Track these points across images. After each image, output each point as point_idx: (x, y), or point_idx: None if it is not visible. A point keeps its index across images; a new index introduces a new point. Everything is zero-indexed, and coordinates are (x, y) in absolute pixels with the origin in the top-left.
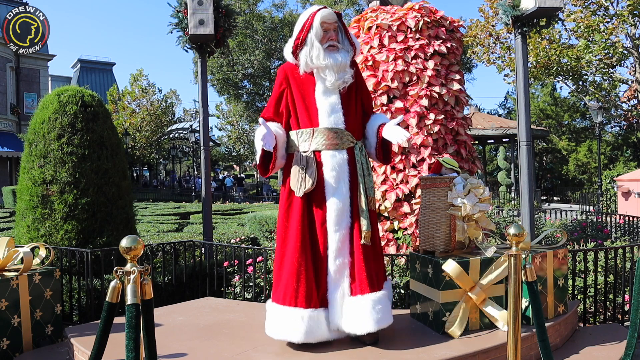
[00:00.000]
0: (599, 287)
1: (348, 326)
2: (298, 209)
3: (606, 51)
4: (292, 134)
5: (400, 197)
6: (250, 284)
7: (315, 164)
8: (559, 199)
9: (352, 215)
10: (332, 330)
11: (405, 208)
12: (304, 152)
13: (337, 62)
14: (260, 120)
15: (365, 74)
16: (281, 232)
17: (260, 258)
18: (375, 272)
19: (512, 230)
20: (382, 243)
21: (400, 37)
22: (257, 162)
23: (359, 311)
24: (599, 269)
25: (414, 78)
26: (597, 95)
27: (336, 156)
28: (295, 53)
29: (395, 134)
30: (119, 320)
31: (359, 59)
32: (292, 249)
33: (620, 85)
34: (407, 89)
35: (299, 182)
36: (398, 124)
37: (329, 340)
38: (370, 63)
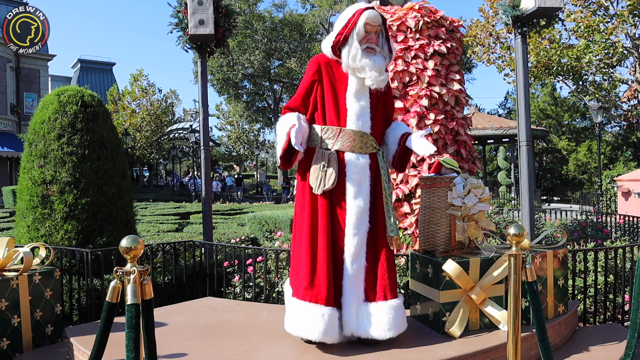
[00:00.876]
0: (599, 287)
1: (369, 330)
2: (322, 208)
3: (606, 51)
4: (316, 128)
5: (400, 197)
6: (250, 284)
7: (337, 164)
8: (559, 199)
9: (371, 220)
10: (345, 334)
11: (405, 208)
12: (327, 150)
13: (374, 64)
14: (299, 115)
15: None
16: (305, 228)
17: (260, 258)
18: (392, 278)
19: (512, 230)
20: None
21: (400, 37)
22: (280, 154)
23: (382, 317)
24: (599, 269)
25: (414, 78)
26: (597, 95)
27: (360, 160)
28: (335, 49)
29: (422, 146)
30: (119, 320)
31: None
32: (321, 246)
33: (620, 85)
34: (407, 89)
35: (319, 180)
36: (424, 136)
37: (339, 342)
38: None
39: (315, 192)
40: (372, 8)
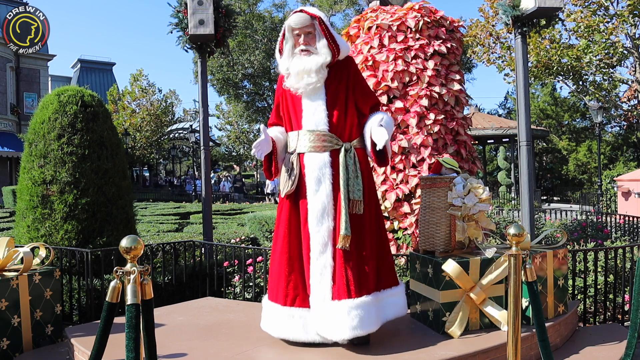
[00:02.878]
0: (599, 287)
1: (324, 330)
2: (287, 210)
3: (606, 51)
4: (287, 136)
5: (400, 197)
6: (250, 284)
7: (298, 166)
8: (559, 199)
9: (335, 218)
10: (313, 332)
11: (405, 208)
12: (291, 154)
13: (299, 68)
14: (262, 127)
15: (365, 74)
16: (275, 232)
17: (260, 258)
18: (357, 277)
19: (512, 230)
20: None
21: (400, 37)
22: (264, 167)
23: (333, 317)
24: (599, 269)
25: (414, 78)
26: (597, 95)
27: (317, 158)
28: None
29: (378, 136)
30: (119, 320)
31: (358, 59)
32: (280, 248)
33: (620, 85)
34: (407, 89)
35: (284, 183)
36: (382, 125)
37: (310, 342)
38: (370, 63)
39: (282, 195)
40: (300, 11)
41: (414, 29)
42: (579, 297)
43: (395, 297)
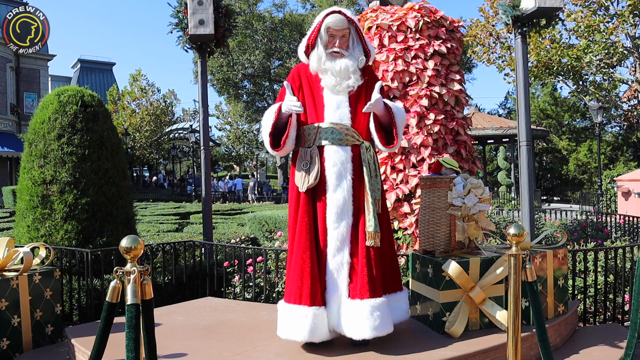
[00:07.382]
0: (599, 287)
1: (345, 329)
2: (303, 206)
3: (606, 51)
4: (301, 129)
5: (400, 197)
6: (250, 284)
7: (318, 159)
8: (559, 199)
9: (355, 214)
10: (330, 330)
11: (405, 208)
12: (309, 147)
13: (337, 68)
14: (285, 83)
15: None
16: (290, 230)
17: (260, 258)
18: (379, 277)
19: (512, 230)
20: None
21: (400, 37)
22: (269, 131)
23: (356, 316)
24: (599, 269)
25: (414, 78)
26: (597, 95)
27: (339, 152)
28: (307, 53)
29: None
30: (119, 320)
31: None
32: (298, 246)
33: (620, 85)
34: (407, 89)
35: (302, 178)
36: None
37: (330, 339)
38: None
39: (301, 190)
40: (338, 12)
41: (414, 29)
42: (579, 297)
43: (399, 302)
